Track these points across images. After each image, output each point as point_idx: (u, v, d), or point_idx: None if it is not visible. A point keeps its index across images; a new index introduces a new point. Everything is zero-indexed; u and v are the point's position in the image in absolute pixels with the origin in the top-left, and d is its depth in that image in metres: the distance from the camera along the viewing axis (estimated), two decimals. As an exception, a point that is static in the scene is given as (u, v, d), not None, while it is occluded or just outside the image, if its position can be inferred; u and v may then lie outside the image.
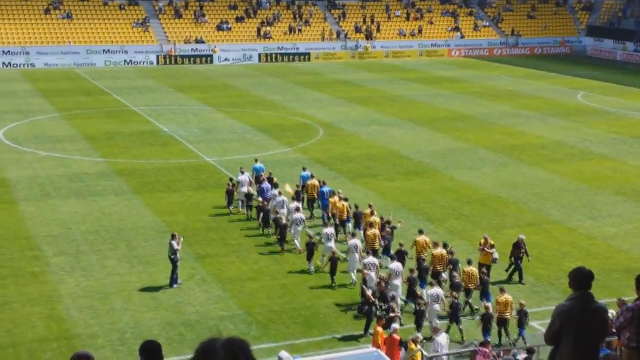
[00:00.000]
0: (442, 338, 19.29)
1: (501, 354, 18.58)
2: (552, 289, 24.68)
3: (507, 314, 21.12)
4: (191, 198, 33.43)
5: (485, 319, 20.76)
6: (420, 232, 25.86)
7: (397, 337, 19.22)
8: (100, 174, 36.86)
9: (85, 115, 50.55)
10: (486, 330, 20.64)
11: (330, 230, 26.43)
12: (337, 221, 28.67)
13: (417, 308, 21.44)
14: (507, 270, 25.40)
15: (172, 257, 24.45)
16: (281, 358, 18.15)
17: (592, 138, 45.97)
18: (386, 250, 25.66)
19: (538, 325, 21.82)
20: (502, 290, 21.78)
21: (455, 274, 23.06)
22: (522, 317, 21.16)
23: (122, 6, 79.65)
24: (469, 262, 23.46)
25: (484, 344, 17.93)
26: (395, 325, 19.79)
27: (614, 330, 9.23)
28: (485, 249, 24.85)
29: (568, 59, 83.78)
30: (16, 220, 30.39)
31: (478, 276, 22.96)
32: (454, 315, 21.38)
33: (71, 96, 57.45)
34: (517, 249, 25.23)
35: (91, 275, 25.09)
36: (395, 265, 23.01)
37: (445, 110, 53.74)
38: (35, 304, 23.03)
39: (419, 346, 18.45)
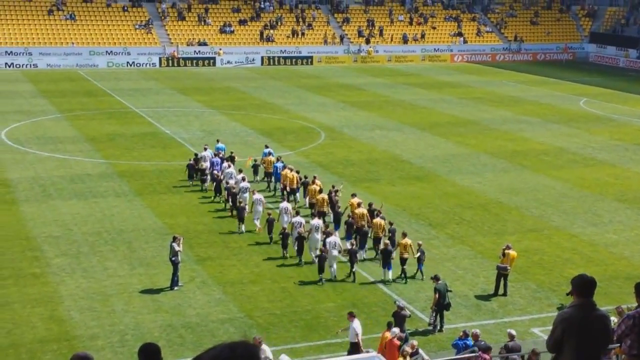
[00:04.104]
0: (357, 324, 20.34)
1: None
2: (553, 295, 24.63)
3: (406, 254, 25.25)
4: (192, 200, 33.43)
5: (385, 254, 25.20)
6: (353, 195, 29.98)
7: (397, 341, 19.21)
8: (102, 175, 36.87)
9: (87, 117, 50.58)
10: (386, 264, 25.07)
11: (285, 205, 29.34)
12: (288, 189, 32.74)
13: (319, 254, 25.30)
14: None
15: (173, 259, 24.42)
16: None
17: (595, 145, 45.94)
18: (336, 222, 29.38)
19: (539, 332, 21.81)
20: (403, 235, 26.02)
21: (363, 223, 27.72)
22: (421, 254, 25.48)
23: (126, 8, 79.74)
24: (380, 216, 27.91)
25: (485, 350, 17.89)
26: (396, 329, 19.79)
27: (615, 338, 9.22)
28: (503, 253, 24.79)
29: (571, 65, 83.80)
30: (17, 220, 30.38)
31: (384, 227, 27.25)
32: (350, 259, 25.44)
33: (73, 97, 57.49)
34: None
35: (92, 277, 25.07)
36: (316, 221, 27.10)
37: (447, 116, 53.73)
38: (36, 304, 23.00)
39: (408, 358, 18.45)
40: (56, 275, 25.18)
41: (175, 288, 24.30)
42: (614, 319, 16.61)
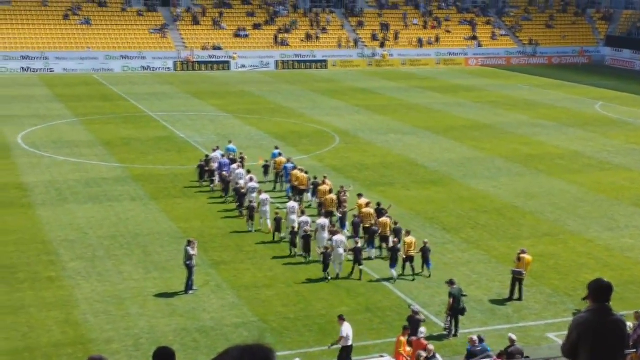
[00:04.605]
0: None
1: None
2: (568, 300, 24.50)
3: (411, 251, 25.97)
4: (207, 204, 33.49)
5: (392, 252, 25.81)
6: (360, 195, 30.55)
7: (424, 341, 19.33)
8: (117, 179, 37.01)
9: (102, 121, 50.81)
10: (393, 262, 25.64)
11: (293, 204, 30.03)
12: (291, 192, 33.39)
13: (324, 252, 25.81)
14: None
15: (188, 263, 24.48)
16: None
17: (610, 149, 45.70)
18: (342, 222, 29.62)
19: (555, 337, 21.69)
20: (407, 232, 26.63)
21: (372, 222, 28.32)
22: (426, 252, 26.00)
23: (141, 12, 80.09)
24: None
25: (500, 355, 17.83)
26: (423, 329, 19.99)
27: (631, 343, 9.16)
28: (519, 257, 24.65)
29: (586, 68, 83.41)
30: (33, 224, 30.54)
31: (390, 226, 27.87)
32: (355, 258, 25.86)
33: (89, 101, 57.79)
34: None
35: (107, 281, 25.16)
36: (323, 221, 27.76)
37: (462, 119, 53.61)
38: (52, 308, 23.11)
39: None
40: (72, 279, 25.29)
41: (190, 292, 24.35)
42: (630, 324, 16.51)
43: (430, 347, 18.99)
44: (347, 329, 20.04)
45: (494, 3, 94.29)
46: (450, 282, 22.52)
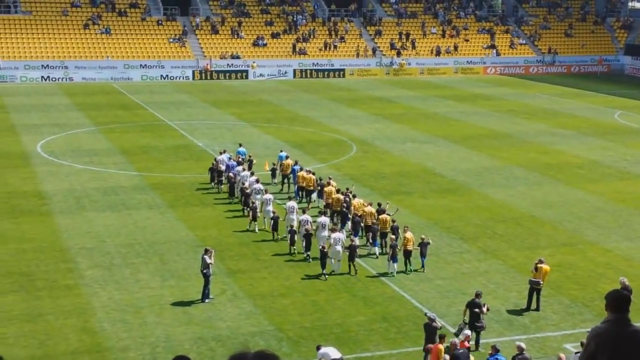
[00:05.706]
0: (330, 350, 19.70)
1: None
2: (586, 310, 24.30)
3: (409, 246, 26.75)
4: (224, 213, 33.55)
5: (391, 249, 26.58)
6: (354, 196, 31.56)
7: (467, 344, 19.41)
8: (135, 187, 37.17)
9: (121, 129, 51.09)
10: (393, 257, 26.43)
11: (292, 203, 31.02)
12: (304, 192, 34.56)
13: (322, 250, 26.42)
14: None
15: (205, 271, 24.51)
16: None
17: (630, 158, 45.38)
18: (343, 221, 30.44)
19: (572, 348, 21.51)
20: (405, 228, 27.56)
21: (374, 221, 29.06)
22: (423, 248, 26.82)
23: (160, 22, 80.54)
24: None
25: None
26: (467, 332, 20.26)
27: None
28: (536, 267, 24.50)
29: (605, 77, 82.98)
30: (52, 232, 30.71)
31: (390, 223, 28.88)
32: (350, 255, 26.56)
33: (108, 110, 58.13)
34: None
35: (124, 289, 25.24)
36: (323, 219, 28.60)
37: (480, 128, 53.45)
38: (69, 316, 23.20)
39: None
40: (89, 286, 25.39)
41: (207, 300, 24.37)
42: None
43: (447, 356, 18.91)
44: (321, 353, 19.66)
45: (512, 12, 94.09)
46: (476, 295, 22.34)
